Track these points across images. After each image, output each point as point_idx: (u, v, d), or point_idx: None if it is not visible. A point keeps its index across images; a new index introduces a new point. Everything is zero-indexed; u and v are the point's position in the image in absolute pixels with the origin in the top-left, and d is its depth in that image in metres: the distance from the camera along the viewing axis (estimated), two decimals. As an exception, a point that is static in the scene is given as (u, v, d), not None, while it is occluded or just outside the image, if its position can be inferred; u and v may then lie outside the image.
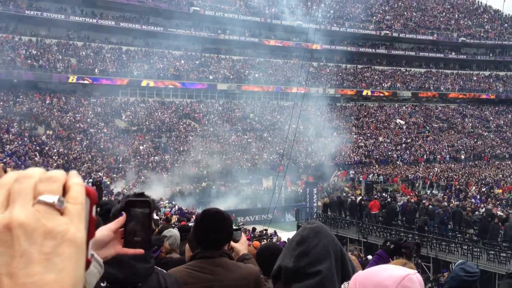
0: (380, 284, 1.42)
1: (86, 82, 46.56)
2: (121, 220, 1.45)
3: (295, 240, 1.79)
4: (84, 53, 49.53)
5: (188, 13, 55.51)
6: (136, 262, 2.35)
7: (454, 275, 3.72)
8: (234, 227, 3.24)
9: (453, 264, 4.17)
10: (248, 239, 14.79)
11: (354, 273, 1.82)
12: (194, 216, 20.88)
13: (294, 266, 1.74)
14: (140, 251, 1.44)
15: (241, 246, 3.26)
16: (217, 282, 2.71)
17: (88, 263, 0.70)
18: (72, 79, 45.64)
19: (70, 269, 0.64)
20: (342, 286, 1.54)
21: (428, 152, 52.42)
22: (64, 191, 0.69)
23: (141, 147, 40.80)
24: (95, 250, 1.43)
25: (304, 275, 1.72)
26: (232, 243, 3.18)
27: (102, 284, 2.29)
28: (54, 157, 33.37)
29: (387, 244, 3.60)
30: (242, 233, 3.32)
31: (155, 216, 13.60)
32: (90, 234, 0.71)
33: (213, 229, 2.79)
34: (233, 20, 57.66)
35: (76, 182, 0.70)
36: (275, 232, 22.99)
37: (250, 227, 23.90)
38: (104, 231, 1.45)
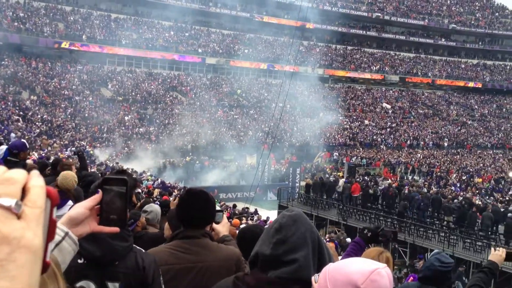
0: (348, 277, 1.43)
1: (73, 48, 45.81)
2: (97, 197, 1.45)
3: (274, 227, 1.80)
4: (72, 18, 48.64)
5: (180, -17, 54.69)
6: (113, 240, 2.36)
7: (429, 265, 3.79)
8: (217, 209, 3.25)
9: (429, 253, 4.24)
10: (228, 216, 14.87)
11: (331, 261, 1.84)
12: (176, 191, 20.92)
13: (271, 253, 1.76)
14: (116, 229, 1.46)
15: (222, 227, 3.28)
16: (199, 263, 2.72)
17: (46, 267, 0.68)
18: (59, 44, 44.87)
19: (23, 276, 0.62)
20: (313, 278, 1.55)
21: (412, 138, 52.86)
22: (24, 193, 0.66)
23: (126, 118, 40.49)
24: (70, 228, 1.43)
25: (280, 262, 1.73)
26: (213, 224, 3.19)
27: (79, 261, 2.30)
28: (37, 123, 32.98)
29: (365, 232, 3.64)
30: (224, 215, 3.34)
31: (137, 190, 13.59)
32: (49, 236, 0.69)
33: (196, 208, 2.79)
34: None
35: (36, 184, 0.67)
36: (255, 210, 23.15)
37: (231, 204, 24.04)
38: (79, 209, 1.46)
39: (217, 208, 3.28)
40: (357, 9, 66.16)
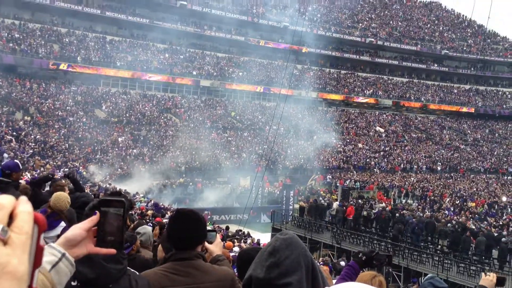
0: None
1: (67, 69, 45.92)
2: (94, 219, 1.44)
3: (267, 251, 1.80)
4: (67, 39, 48.88)
5: (175, 6, 55.23)
6: (107, 262, 2.34)
7: (422, 290, 3.76)
8: (209, 228, 3.24)
9: (422, 278, 4.22)
10: (221, 238, 14.75)
11: (325, 285, 1.83)
12: (169, 212, 20.78)
13: (265, 277, 1.74)
14: (112, 251, 1.44)
15: (215, 247, 3.25)
16: (193, 284, 2.69)
17: None
18: (54, 65, 44.99)
19: None
20: None
21: (405, 161, 52.99)
22: (11, 218, 0.65)
23: (120, 139, 40.41)
24: (67, 249, 1.42)
25: (274, 286, 1.72)
26: (206, 244, 3.17)
27: (72, 283, 2.28)
28: (30, 143, 32.83)
29: (359, 256, 3.62)
30: (217, 235, 3.32)
31: (130, 211, 13.51)
32: (36, 262, 0.67)
33: (187, 229, 2.78)
34: (220, 17, 57.57)
35: (23, 210, 0.66)
36: (248, 233, 22.98)
37: (223, 226, 23.89)
38: (76, 230, 1.44)
39: (209, 228, 3.27)
40: (350, 34, 67.00)
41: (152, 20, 54.00)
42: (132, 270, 2.52)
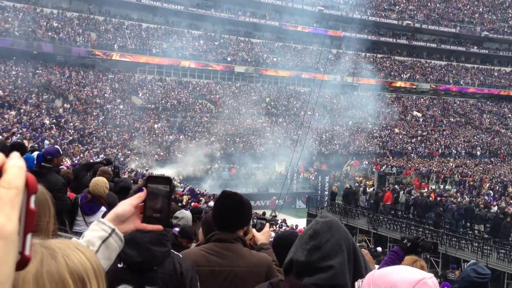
0: (394, 286, 1.39)
1: (104, 57, 46.69)
2: (141, 195, 1.46)
3: (308, 234, 1.79)
4: (104, 27, 49.60)
5: (209, -7, 55.29)
6: (152, 245, 2.41)
7: (465, 276, 3.70)
8: (260, 216, 3.28)
9: (465, 264, 4.15)
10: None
11: (367, 268, 1.81)
12: (203, 198, 21.02)
13: (306, 260, 1.75)
14: (159, 227, 1.46)
15: (262, 235, 3.26)
16: (228, 267, 2.73)
17: (25, 261, 0.60)
18: (91, 53, 45.79)
19: None
20: (356, 283, 1.52)
21: (443, 146, 51.99)
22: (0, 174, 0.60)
23: (156, 126, 40.98)
24: (116, 225, 1.46)
25: (316, 269, 1.72)
26: (254, 231, 3.21)
27: (119, 265, 2.35)
28: (70, 130, 33.65)
29: (404, 242, 3.56)
30: (267, 224, 3.32)
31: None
32: (27, 226, 0.61)
33: (231, 211, 2.81)
34: (254, 2, 57.29)
35: (14, 164, 0.61)
36: (284, 220, 22.92)
37: (260, 211, 23.99)
38: (125, 206, 1.48)
39: (261, 216, 3.30)
40: (387, 17, 65.66)
41: (186, 7, 54.17)
42: (176, 252, 2.57)
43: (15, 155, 0.63)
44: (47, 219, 1.67)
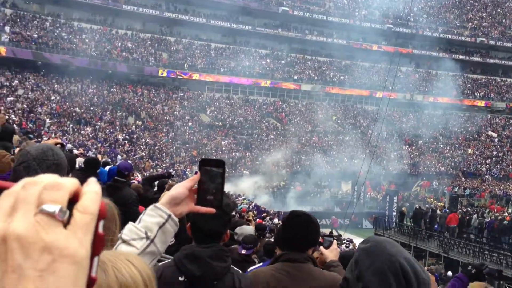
0: None
1: (175, 76, 48.19)
2: (195, 178, 1.48)
3: (351, 262, 1.80)
4: (175, 48, 51.27)
5: (277, 12, 55.87)
6: (213, 260, 2.42)
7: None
8: (327, 234, 3.24)
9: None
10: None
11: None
12: (268, 216, 21.00)
13: None
14: (212, 210, 1.47)
15: (330, 253, 3.22)
16: (299, 287, 2.68)
17: (91, 283, 0.61)
18: (163, 73, 47.40)
19: None
20: None
21: (520, 168, 49.42)
22: (76, 198, 0.60)
23: (223, 143, 41.64)
24: (170, 207, 1.50)
25: None
26: (321, 248, 3.18)
27: (180, 278, 2.39)
28: (141, 146, 34.83)
29: (468, 268, 3.41)
30: (334, 241, 3.29)
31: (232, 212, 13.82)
32: (96, 250, 0.62)
33: (300, 231, 2.79)
34: (321, 21, 57.35)
35: (91, 189, 0.62)
36: (350, 240, 22.44)
37: (327, 231, 23.66)
38: (180, 188, 1.50)
39: (327, 233, 3.26)
40: (459, 34, 63.71)
41: (254, 26, 55.07)
42: (236, 268, 2.57)
43: (92, 181, 0.64)
44: (112, 232, 1.73)
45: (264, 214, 22.16)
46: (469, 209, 29.56)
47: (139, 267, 0.91)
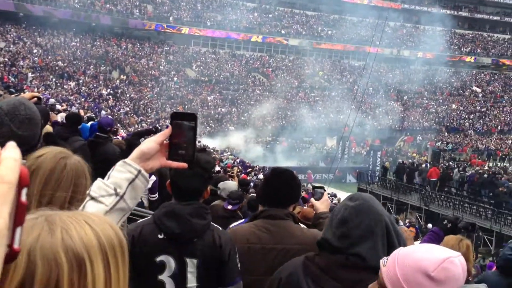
0: (418, 263, 1.38)
1: (160, 29, 47.21)
2: (166, 132, 1.44)
3: (337, 218, 1.81)
4: (160, 0, 50.06)
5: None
6: (192, 217, 2.42)
7: (501, 254, 3.68)
8: (317, 185, 3.28)
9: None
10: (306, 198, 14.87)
11: (403, 246, 1.83)
12: (253, 172, 21.20)
13: (337, 246, 1.78)
14: (184, 165, 1.43)
15: (321, 204, 3.14)
16: (280, 245, 2.70)
17: (13, 254, 0.57)
18: (150, 26, 46.38)
19: None
20: (381, 261, 1.52)
21: (503, 123, 49.99)
22: None
23: (209, 98, 41.41)
24: (141, 162, 1.44)
25: (346, 254, 1.77)
26: (312, 200, 3.16)
27: (159, 236, 2.42)
28: (126, 101, 34.54)
29: (444, 223, 3.54)
30: (325, 192, 3.28)
31: (217, 168, 13.92)
32: (18, 219, 0.58)
33: (281, 187, 2.80)
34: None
35: (9, 156, 0.57)
36: (334, 195, 22.78)
37: (310, 185, 23.99)
38: (151, 143, 1.45)
39: (317, 185, 3.30)
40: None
41: (241, -22, 53.82)
42: (216, 225, 2.58)
43: (11, 145, 0.59)
44: (84, 187, 1.68)
45: (249, 170, 22.37)
46: (451, 163, 30.05)
47: (98, 230, 0.82)
